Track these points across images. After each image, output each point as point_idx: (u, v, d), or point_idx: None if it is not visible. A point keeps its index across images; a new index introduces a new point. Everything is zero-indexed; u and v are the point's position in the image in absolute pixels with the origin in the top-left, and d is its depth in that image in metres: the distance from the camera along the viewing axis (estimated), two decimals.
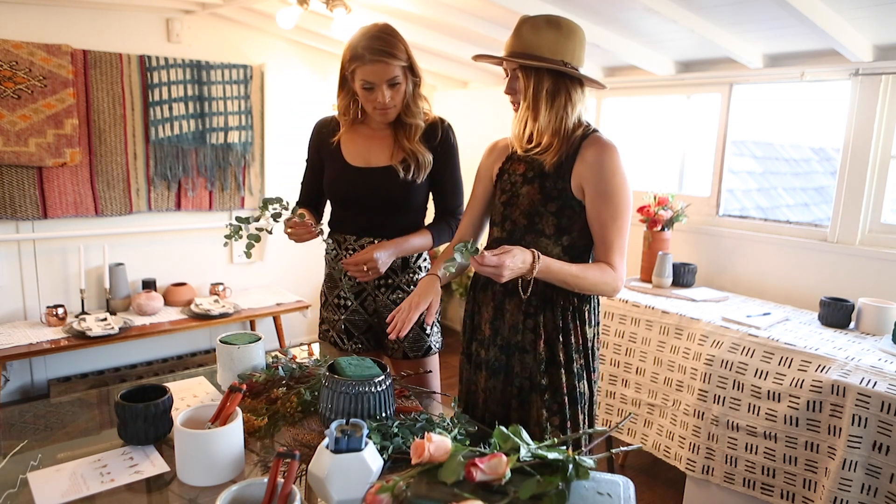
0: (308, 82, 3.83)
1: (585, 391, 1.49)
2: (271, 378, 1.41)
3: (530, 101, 1.38)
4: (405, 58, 1.60)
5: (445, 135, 1.75)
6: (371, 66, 1.57)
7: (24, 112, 2.89)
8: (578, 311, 1.46)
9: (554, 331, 1.44)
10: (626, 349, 2.50)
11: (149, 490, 1.07)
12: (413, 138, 1.70)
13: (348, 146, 1.76)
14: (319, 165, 1.82)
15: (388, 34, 1.59)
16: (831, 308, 2.22)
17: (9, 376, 3.14)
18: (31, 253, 3.11)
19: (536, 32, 1.35)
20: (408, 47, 1.62)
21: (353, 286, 1.80)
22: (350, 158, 1.74)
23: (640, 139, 3.58)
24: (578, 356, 1.46)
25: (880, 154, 2.40)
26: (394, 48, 1.57)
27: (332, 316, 1.86)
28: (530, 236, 1.46)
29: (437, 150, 1.74)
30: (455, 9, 2.67)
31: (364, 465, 0.97)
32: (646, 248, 2.86)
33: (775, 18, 2.21)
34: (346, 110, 1.73)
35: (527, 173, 1.48)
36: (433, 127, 1.74)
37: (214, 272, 3.74)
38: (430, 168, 1.72)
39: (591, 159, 1.38)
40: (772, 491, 2.00)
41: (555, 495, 0.92)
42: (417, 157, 1.70)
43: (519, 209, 1.48)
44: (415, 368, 1.81)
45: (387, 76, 1.58)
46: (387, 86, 1.60)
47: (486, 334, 1.53)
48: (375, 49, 1.55)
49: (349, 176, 1.74)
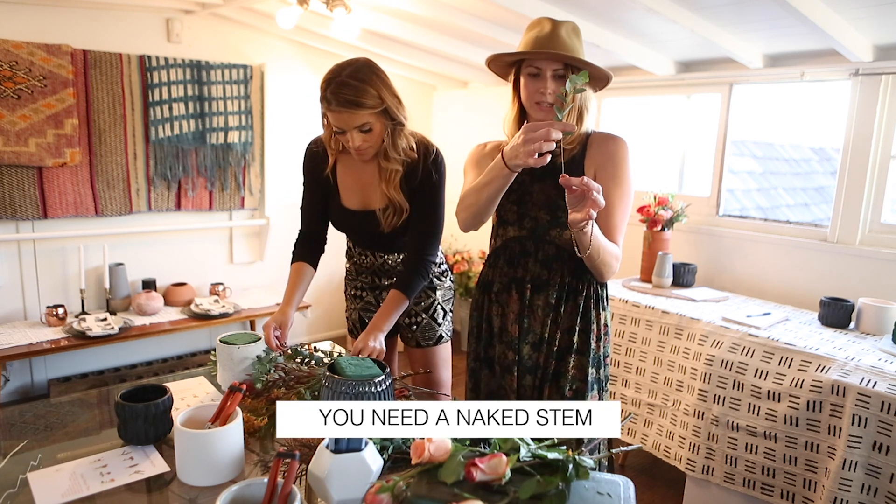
0: (308, 82, 3.83)
1: (602, 378, 1.54)
2: (276, 367, 1.41)
3: (581, 106, 1.44)
4: (377, 104, 1.51)
5: (426, 173, 1.65)
6: (336, 113, 1.50)
7: (24, 112, 2.88)
8: (601, 297, 1.52)
9: (576, 318, 1.49)
10: (626, 349, 2.50)
11: (149, 490, 1.07)
12: (391, 183, 1.63)
13: (344, 184, 1.73)
14: (320, 193, 1.78)
15: (359, 80, 1.48)
16: (831, 308, 2.22)
17: (9, 376, 3.14)
18: (31, 253, 3.11)
19: (571, 38, 1.38)
20: (385, 91, 1.52)
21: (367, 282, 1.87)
22: (346, 200, 1.73)
23: (640, 139, 3.58)
24: (598, 343, 1.52)
25: (880, 154, 2.40)
26: (363, 96, 1.48)
27: (351, 304, 1.93)
28: (555, 230, 1.48)
29: (415, 191, 1.67)
30: (455, 9, 2.67)
31: (364, 465, 0.97)
32: (646, 248, 2.86)
33: (775, 18, 2.21)
34: (328, 140, 1.68)
35: (534, 171, 1.47)
36: (414, 168, 1.65)
37: (214, 272, 3.74)
38: (407, 213, 1.67)
39: (607, 149, 1.46)
40: (772, 491, 2.00)
41: (555, 495, 0.92)
42: (395, 205, 1.65)
43: (536, 206, 1.50)
44: (427, 357, 1.83)
45: (354, 123, 1.51)
46: (357, 131, 1.53)
47: (513, 334, 1.53)
48: (341, 97, 1.47)
49: (348, 218, 1.75)
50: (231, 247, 3.79)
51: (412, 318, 1.82)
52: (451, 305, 1.89)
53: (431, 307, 1.83)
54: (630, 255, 3.12)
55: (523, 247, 1.53)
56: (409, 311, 1.81)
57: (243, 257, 3.84)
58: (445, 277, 1.87)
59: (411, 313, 1.82)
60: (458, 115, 4.18)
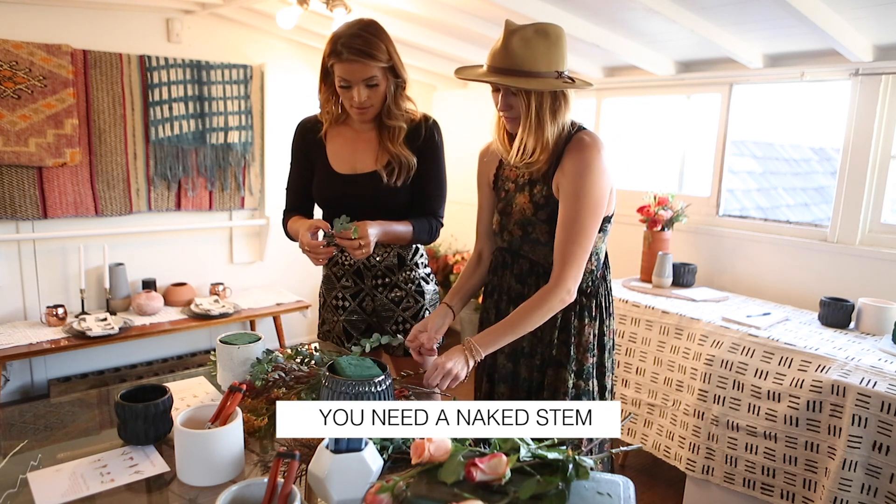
0: (308, 82, 3.83)
1: (593, 389, 1.49)
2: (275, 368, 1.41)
3: (533, 120, 1.34)
4: (386, 59, 1.54)
5: (429, 133, 1.69)
6: (348, 64, 1.51)
7: (24, 112, 2.88)
8: (586, 308, 1.46)
9: (553, 331, 1.45)
10: (626, 349, 2.50)
11: (149, 490, 1.07)
12: (396, 141, 1.65)
13: (334, 151, 1.72)
14: (308, 167, 1.77)
15: (370, 33, 1.53)
16: (831, 308, 2.22)
17: (9, 376, 3.14)
18: (31, 253, 3.11)
19: (528, 46, 1.28)
20: (392, 47, 1.56)
21: (349, 287, 1.80)
22: (336, 165, 1.71)
23: (640, 139, 3.58)
24: (585, 354, 1.47)
25: (880, 154, 2.40)
26: (374, 48, 1.51)
27: (331, 317, 1.86)
28: (527, 245, 1.46)
29: (420, 151, 1.68)
30: (455, 9, 2.67)
31: (364, 465, 0.97)
32: (646, 248, 2.86)
33: (775, 18, 2.21)
34: (326, 103, 1.69)
35: (518, 180, 1.48)
36: (417, 127, 1.68)
37: (214, 272, 3.74)
38: (414, 170, 1.68)
39: (569, 164, 1.36)
40: (772, 491, 2.00)
41: (555, 495, 0.92)
42: (401, 160, 1.65)
43: (513, 219, 1.48)
44: (415, 366, 1.81)
45: (363, 76, 1.53)
46: (363, 85, 1.54)
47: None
48: (353, 47, 1.50)
49: (336, 183, 1.71)
50: (231, 247, 3.79)
51: (399, 326, 1.78)
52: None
53: (419, 314, 1.78)
54: (630, 255, 3.12)
55: (503, 258, 1.53)
56: (396, 320, 1.77)
57: (243, 257, 3.84)
58: (431, 281, 1.83)
59: (398, 321, 1.78)
60: (458, 115, 4.18)
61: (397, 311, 1.77)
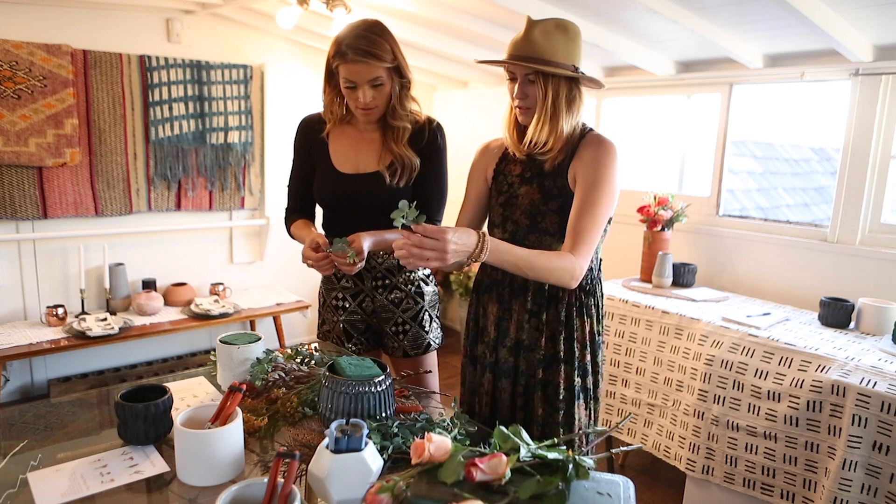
0: (308, 82, 3.83)
1: (590, 386, 1.50)
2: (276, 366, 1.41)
3: (549, 108, 1.38)
4: (391, 59, 1.55)
5: (433, 136, 1.69)
6: (353, 65, 1.52)
7: (24, 112, 2.89)
8: (585, 306, 1.47)
9: (558, 327, 1.46)
10: (626, 349, 2.50)
11: (149, 490, 1.07)
12: (400, 141, 1.65)
13: (337, 150, 1.72)
14: (310, 166, 1.77)
15: (374, 33, 1.53)
16: (831, 308, 2.22)
17: (9, 376, 3.14)
18: (31, 253, 3.11)
19: (548, 37, 1.35)
20: (396, 48, 1.57)
21: (349, 287, 1.80)
22: (339, 164, 1.71)
23: (640, 139, 3.58)
24: (583, 352, 1.48)
25: (880, 154, 2.40)
26: (378, 48, 1.52)
27: (331, 317, 1.86)
28: (534, 235, 1.47)
29: (423, 153, 1.69)
30: (455, 9, 2.67)
31: (364, 465, 0.97)
32: (646, 248, 2.86)
33: (775, 18, 2.21)
34: (330, 105, 1.69)
35: (524, 174, 1.49)
36: (421, 129, 1.69)
37: (214, 272, 3.74)
38: (416, 171, 1.68)
39: (589, 154, 1.41)
40: (772, 491, 2.00)
41: (555, 495, 0.92)
42: (404, 161, 1.65)
43: (519, 209, 1.49)
44: (415, 367, 1.81)
45: (368, 76, 1.53)
46: (369, 86, 1.55)
47: (491, 336, 1.54)
48: (358, 48, 1.50)
49: (338, 183, 1.70)
50: (231, 247, 3.79)
51: (399, 328, 1.78)
52: (438, 311, 1.85)
53: (419, 315, 1.78)
54: (630, 255, 3.12)
55: None
56: (395, 320, 1.78)
57: (243, 257, 3.84)
58: (431, 282, 1.83)
59: (398, 322, 1.78)
60: (458, 115, 4.18)
61: (397, 311, 1.78)
